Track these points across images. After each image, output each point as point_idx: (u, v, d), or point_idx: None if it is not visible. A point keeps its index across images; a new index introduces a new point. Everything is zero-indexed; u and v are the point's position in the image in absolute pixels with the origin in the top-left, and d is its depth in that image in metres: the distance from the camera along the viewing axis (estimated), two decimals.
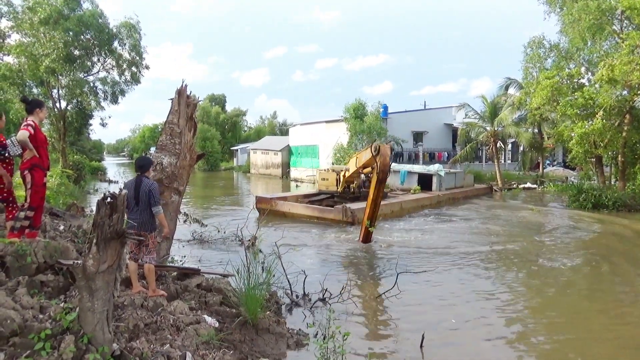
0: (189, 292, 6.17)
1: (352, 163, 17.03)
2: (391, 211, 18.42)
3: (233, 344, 5.20)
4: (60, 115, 28.77)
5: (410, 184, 23.57)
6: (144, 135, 79.77)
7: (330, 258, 11.01)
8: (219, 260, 9.94)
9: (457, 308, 7.49)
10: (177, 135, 7.12)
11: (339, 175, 19.18)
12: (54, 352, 3.81)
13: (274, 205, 17.79)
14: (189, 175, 7.40)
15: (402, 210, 19.05)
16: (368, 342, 5.89)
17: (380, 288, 8.14)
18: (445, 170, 24.11)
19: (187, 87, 7.34)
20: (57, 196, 14.92)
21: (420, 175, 23.59)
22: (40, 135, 6.08)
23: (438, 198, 22.22)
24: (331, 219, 16.24)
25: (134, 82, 30.45)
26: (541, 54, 23.55)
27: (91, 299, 4.00)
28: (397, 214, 18.56)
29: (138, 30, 28.82)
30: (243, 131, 77.42)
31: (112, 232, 4.00)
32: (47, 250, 5.51)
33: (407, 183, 23.77)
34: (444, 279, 9.18)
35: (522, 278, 9.56)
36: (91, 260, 3.99)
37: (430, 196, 21.99)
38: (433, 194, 22.32)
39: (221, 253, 11.13)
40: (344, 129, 32.57)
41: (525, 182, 30.27)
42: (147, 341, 4.45)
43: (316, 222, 16.32)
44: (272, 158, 46.63)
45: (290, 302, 7.48)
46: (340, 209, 16.10)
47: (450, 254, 11.45)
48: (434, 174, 23.23)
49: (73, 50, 26.88)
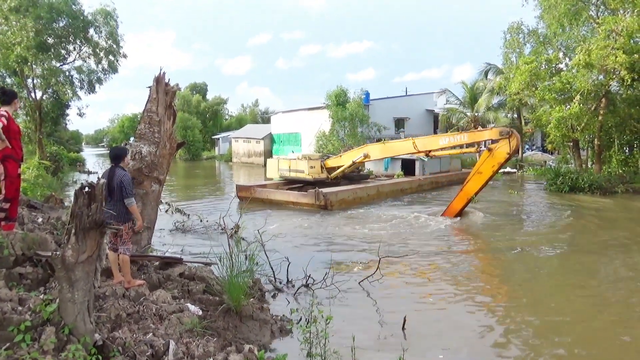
0: (171, 281, 6.15)
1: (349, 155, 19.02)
2: (367, 195, 18.74)
3: (217, 331, 5.22)
4: (36, 105, 28.11)
5: (395, 170, 23.81)
6: (123, 125, 78.31)
7: (312, 244, 11.07)
8: (201, 249, 9.91)
9: (437, 291, 7.63)
10: (156, 124, 7.03)
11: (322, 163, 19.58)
12: (35, 343, 3.79)
13: (253, 192, 18.33)
14: (170, 164, 7.34)
15: (380, 194, 19.28)
16: (351, 325, 5.95)
17: (362, 273, 8.23)
18: None
19: (165, 74, 7.24)
20: (35, 188, 14.62)
21: (404, 161, 23.73)
22: (13, 126, 5.94)
23: (419, 182, 22.40)
24: (305, 203, 16.75)
25: (112, 71, 29.86)
26: (520, 40, 23.79)
27: (71, 290, 3.97)
28: (373, 197, 18.85)
29: (115, 17, 28.20)
30: (224, 120, 76.64)
31: (90, 222, 3.96)
32: (25, 242, 5.43)
33: (391, 169, 24.01)
34: (424, 262, 9.33)
35: (502, 257, 9.78)
36: (70, 251, 3.96)
37: (410, 180, 22.16)
38: (414, 179, 22.53)
39: (204, 242, 11.07)
40: (326, 116, 32.53)
41: (505, 167, 30.70)
42: (129, 331, 4.44)
43: (297, 209, 16.55)
44: (254, 146, 46.37)
45: (274, 288, 7.52)
46: (314, 193, 16.44)
47: (431, 238, 11.61)
48: (416, 159, 23.27)
49: (46, 39, 26.19)
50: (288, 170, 19.99)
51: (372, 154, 18.74)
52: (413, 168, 23.68)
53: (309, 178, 19.22)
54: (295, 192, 17.74)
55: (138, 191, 6.82)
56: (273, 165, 21.10)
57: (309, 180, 19.25)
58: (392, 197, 19.65)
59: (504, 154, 13.53)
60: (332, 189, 17.37)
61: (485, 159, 13.91)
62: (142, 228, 5.90)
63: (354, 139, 30.44)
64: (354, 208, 16.79)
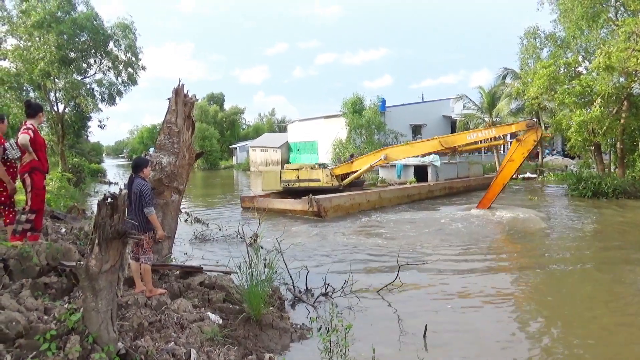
0: (192, 290, 6.20)
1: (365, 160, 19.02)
2: (367, 201, 18.29)
3: (237, 339, 5.24)
4: (58, 118, 28.76)
5: (407, 177, 23.37)
6: (142, 136, 79.78)
7: (331, 252, 11.04)
8: (221, 258, 9.99)
9: (458, 299, 7.54)
10: (176, 135, 7.13)
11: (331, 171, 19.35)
12: (60, 352, 3.85)
13: (255, 202, 18.43)
14: (189, 174, 7.43)
15: (382, 200, 18.85)
16: (371, 334, 5.91)
17: (382, 281, 8.17)
18: (442, 161, 23.77)
19: (184, 86, 7.35)
20: (58, 199, 14.94)
21: (416, 167, 23.31)
22: (39, 138, 6.11)
23: (429, 188, 21.68)
24: (299, 210, 16.67)
25: (131, 83, 30.43)
26: (537, 45, 23.56)
27: (95, 299, 4.03)
28: (374, 204, 18.43)
29: (133, 30, 28.77)
30: (241, 129, 77.41)
31: (113, 232, 4.03)
32: (49, 253, 5.55)
33: (404, 176, 23.55)
34: (445, 270, 9.22)
35: (526, 265, 9.60)
36: (94, 261, 4.03)
37: (418, 186, 21.53)
38: (422, 185, 21.89)
39: (223, 251, 11.17)
40: (342, 123, 32.58)
41: (524, 172, 30.29)
42: (151, 339, 4.49)
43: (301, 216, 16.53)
44: (272, 155, 46.65)
45: (293, 297, 7.51)
46: (306, 199, 16.31)
47: (451, 246, 11.48)
48: (428, 164, 22.91)
49: (68, 53, 26.83)
50: (297, 180, 19.31)
51: (392, 156, 18.68)
52: (426, 174, 23.09)
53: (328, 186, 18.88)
54: (290, 200, 17.50)
55: (158, 201, 6.91)
56: (271, 177, 20.39)
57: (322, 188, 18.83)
58: (396, 203, 19.18)
59: (532, 142, 15.87)
60: (327, 195, 17.10)
61: (515, 148, 16.15)
62: (164, 237, 5.97)
63: (371, 146, 30.39)
64: (353, 215, 16.62)
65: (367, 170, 19.20)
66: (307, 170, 19.38)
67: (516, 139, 16.42)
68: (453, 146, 17.50)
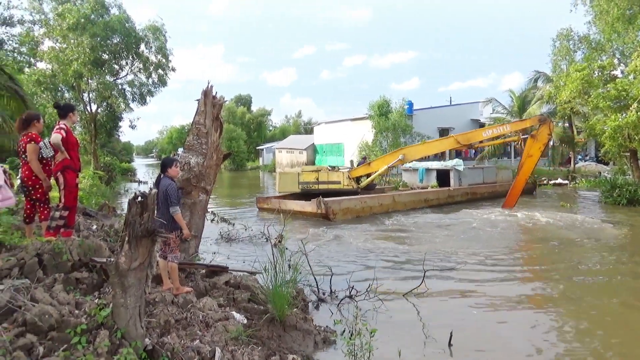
0: (217, 289, 6.27)
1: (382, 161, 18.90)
2: (379, 204, 17.93)
3: (261, 340, 5.26)
4: (91, 117, 29.60)
5: (429, 181, 22.89)
6: (172, 137, 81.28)
7: (355, 255, 11.00)
8: (246, 258, 10.08)
9: (485, 306, 7.39)
10: (204, 136, 7.23)
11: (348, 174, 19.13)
12: (90, 346, 3.94)
13: (269, 203, 18.62)
14: (216, 174, 7.51)
15: (396, 204, 18.43)
16: (396, 339, 5.85)
17: (407, 285, 8.09)
18: (466, 166, 23.18)
19: (213, 87, 7.45)
20: (90, 197, 15.35)
21: (439, 172, 22.77)
22: (71, 138, 6.28)
23: (448, 193, 20.90)
24: (309, 212, 16.61)
25: (161, 84, 31.08)
26: (570, 47, 22.98)
27: (124, 295, 4.11)
28: (387, 208, 18.02)
29: (163, 32, 29.39)
30: (268, 130, 78.06)
31: (142, 230, 4.11)
32: (81, 249, 5.69)
33: (427, 180, 23.09)
34: (472, 276, 9.05)
35: (558, 271, 9.35)
36: (123, 258, 4.11)
37: (436, 190, 20.89)
38: (442, 189, 21.21)
39: (249, 251, 11.27)
40: (369, 126, 32.46)
41: (556, 178, 29.55)
42: (177, 337, 4.55)
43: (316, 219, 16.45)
44: (297, 157, 46.84)
45: (317, 299, 7.51)
46: (316, 202, 16.23)
47: (479, 251, 11.28)
48: (450, 169, 22.26)
49: (101, 55, 27.60)
50: (316, 182, 19.02)
51: (410, 156, 18.52)
52: (448, 179, 22.34)
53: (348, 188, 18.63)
54: (301, 202, 17.33)
55: (186, 201, 7.02)
56: (288, 178, 20.11)
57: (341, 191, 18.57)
58: (411, 208, 18.69)
59: (546, 136, 16.98)
60: (336, 198, 16.93)
61: (532, 144, 17.05)
62: (190, 236, 6.06)
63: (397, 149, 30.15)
64: (375, 218, 16.44)
65: (385, 171, 18.97)
66: (327, 173, 19.19)
67: (530, 135, 17.18)
68: (469, 143, 17.98)
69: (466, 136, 18.10)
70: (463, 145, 17.93)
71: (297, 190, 19.05)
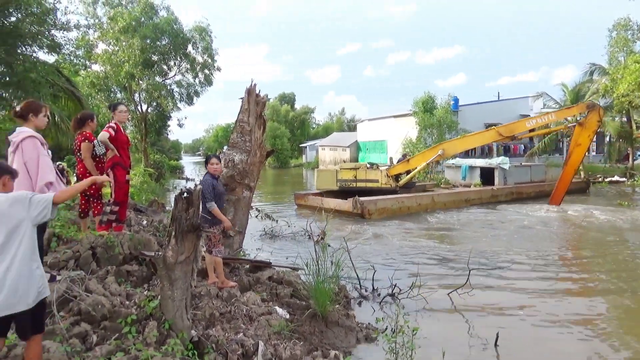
0: (260, 284, 6.37)
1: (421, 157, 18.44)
2: (418, 204, 17.48)
3: (303, 335, 5.31)
4: (142, 117, 30.73)
5: (473, 179, 22.02)
6: (217, 135, 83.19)
7: (397, 253, 10.89)
8: (289, 254, 10.19)
9: (532, 309, 7.12)
10: (247, 133, 7.35)
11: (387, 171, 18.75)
12: (139, 336, 4.11)
13: (306, 200, 18.67)
14: (260, 171, 7.63)
15: (435, 204, 17.89)
16: (439, 338, 5.75)
17: (451, 284, 7.93)
18: (512, 163, 22.16)
19: (256, 86, 7.56)
20: (141, 193, 15.96)
21: (483, 169, 21.83)
22: (121, 136, 6.55)
23: (492, 192, 20.02)
24: (345, 211, 16.37)
25: (207, 84, 31.86)
26: (628, 37, 21.75)
27: (171, 288, 4.25)
28: (426, 208, 17.52)
29: (209, 33, 30.09)
30: (311, 128, 78.48)
31: (188, 225, 4.23)
32: (132, 243, 5.94)
33: (469, 178, 22.24)
34: (519, 277, 8.75)
35: (616, 274, 8.89)
36: (170, 252, 4.25)
37: (479, 190, 20.09)
38: (484, 189, 20.36)
39: (291, 247, 11.39)
40: (413, 123, 31.98)
41: (612, 175, 28.09)
42: (222, 329, 4.66)
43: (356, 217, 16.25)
44: (341, 154, 46.84)
45: (359, 296, 7.50)
46: (352, 201, 16.07)
47: (528, 250, 10.90)
48: (495, 167, 21.33)
49: (151, 56, 28.58)
50: (354, 180, 18.83)
51: (449, 150, 18.06)
52: (492, 177, 21.38)
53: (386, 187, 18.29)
54: (338, 200, 17.10)
55: (230, 197, 7.17)
56: (326, 176, 19.93)
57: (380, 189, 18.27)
58: (451, 208, 18.01)
59: (595, 123, 15.95)
60: (372, 198, 16.65)
61: (580, 133, 16.16)
62: (230, 229, 6.15)
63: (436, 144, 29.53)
64: (418, 216, 16.13)
65: (424, 168, 18.60)
66: (365, 171, 18.93)
67: (578, 123, 16.44)
68: (512, 135, 17.19)
69: (508, 127, 17.29)
70: (505, 137, 17.12)
71: (335, 188, 18.95)
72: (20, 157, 4.31)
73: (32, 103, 4.65)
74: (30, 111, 4.49)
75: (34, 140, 4.36)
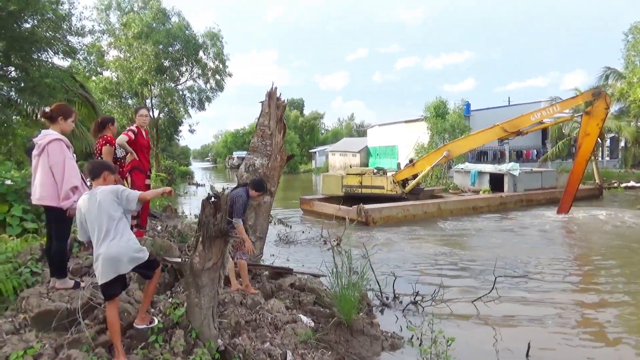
0: (283, 291, 6.24)
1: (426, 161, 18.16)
2: (424, 212, 17.04)
3: (329, 344, 5.16)
4: (154, 123, 30.84)
5: (482, 185, 21.57)
6: (227, 140, 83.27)
7: (413, 260, 10.71)
8: (304, 261, 10.04)
9: (561, 318, 6.91)
10: (268, 137, 7.24)
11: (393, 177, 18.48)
12: (166, 345, 3.99)
13: (311, 205, 18.50)
14: (280, 176, 7.51)
15: (441, 212, 17.43)
16: (467, 348, 5.57)
17: (476, 292, 7.74)
18: (522, 169, 21.64)
19: (277, 89, 7.45)
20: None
21: (492, 175, 21.37)
22: (141, 140, 6.48)
23: (500, 200, 19.43)
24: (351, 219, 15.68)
25: (219, 89, 31.98)
26: None
27: (198, 295, 4.13)
28: (432, 215, 17.04)
29: (220, 38, 30.23)
30: (320, 134, 78.46)
31: (216, 230, 4.11)
32: (153, 248, 5.83)
33: (479, 184, 21.81)
34: (547, 284, 8.53)
35: None
36: (197, 258, 4.13)
37: (487, 197, 19.54)
38: (492, 196, 19.80)
39: (305, 253, 11.26)
40: (424, 128, 31.80)
41: (627, 181, 27.65)
42: (248, 338, 4.53)
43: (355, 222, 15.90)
44: (351, 159, 46.68)
45: (381, 303, 7.33)
46: (356, 208, 15.76)
47: (554, 256, 10.66)
48: (505, 173, 20.88)
49: (163, 62, 28.74)
50: (359, 187, 18.58)
51: (455, 151, 17.77)
52: (502, 183, 20.80)
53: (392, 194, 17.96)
54: (344, 207, 16.69)
55: (251, 202, 7.03)
56: (332, 181, 19.60)
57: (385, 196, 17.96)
58: (458, 215, 17.51)
59: (603, 110, 15.50)
60: (376, 205, 16.28)
61: (587, 122, 15.72)
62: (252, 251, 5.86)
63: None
64: (433, 222, 15.82)
65: (429, 172, 18.39)
66: (370, 177, 18.61)
67: (585, 112, 16.05)
68: (517, 130, 16.81)
69: (513, 122, 16.94)
70: (510, 133, 16.73)
71: (341, 194, 18.67)
72: (45, 160, 4.23)
73: (64, 106, 4.59)
74: (61, 114, 4.42)
75: (61, 143, 4.28)
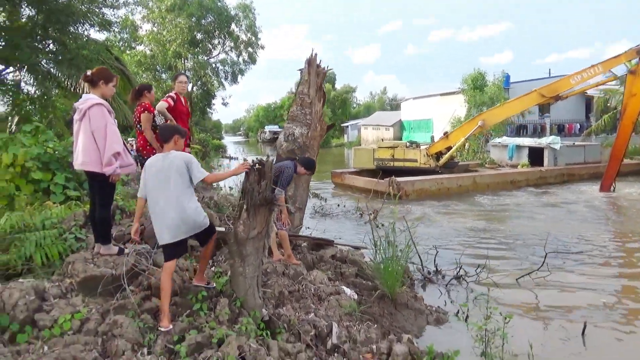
0: (324, 262, 6.11)
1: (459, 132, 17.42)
2: (458, 186, 16.49)
3: (373, 317, 5.02)
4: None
5: (520, 159, 20.61)
6: (258, 115, 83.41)
7: (458, 234, 10.42)
8: (342, 233, 9.90)
9: (614, 296, 6.56)
10: (308, 106, 7.03)
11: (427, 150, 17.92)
12: (211, 313, 3.91)
13: (342, 179, 18.20)
14: (319, 146, 7.31)
15: (477, 186, 16.84)
16: (518, 326, 5.31)
17: (523, 268, 7.43)
18: (563, 143, 20.61)
19: (317, 56, 7.20)
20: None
21: (531, 149, 20.31)
22: (180, 106, 6.35)
23: (540, 174, 18.66)
24: (381, 191, 15.14)
25: (251, 62, 31.76)
26: None
27: (242, 265, 4.03)
28: (467, 189, 16.48)
29: (252, 10, 29.85)
30: (352, 108, 77.54)
31: (260, 198, 3.96)
32: None
33: (517, 158, 20.84)
34: (598, 261, 8.12)
35: None
36: (242, 226, 4.00)
37: (525, 171, 18.78)
38: (531, 170, 19.00)
39: (339, 226, 11.13)
40: (460, 101, 30.84)
41: None
42: (292, 309, 4.42)
43: None
44: (384, 133, 45.96)
45: (423, 278, 7.14)
46: (389, 181, 15.23)
47: (605, 233, 10.18)
48: (545, 146, 19.86)
49: (196, 34, 28.65)
50: (392, 160, 18.13)
51: (490, 120, 17.02)
52: (542, 158, 19.84)
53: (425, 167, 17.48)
54: (374, 180, 16.11)
55: None
56: (363, 154, 19.30)
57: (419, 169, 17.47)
58: (495, 189, 16.90)
59: None
60: (409, 178, 15.80)
61: (632, 82, 14.63)
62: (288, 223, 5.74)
63: None
64: (472, 196, 15.34)
65: (464, 144, 17.79)
66: (403, 150, 18.15)
67: (630, 72, 14.87)
68: (556, 94, 15.95)
69: (551, 87, 16.14)
70: (549, 98, 15.87)
71: (372, 167, 18.30)
72: (87, 125, 4.13)
73: (105, 70, 4.47)
74: (102, 78, 4.30)
75: (102, 108, 4.17)
